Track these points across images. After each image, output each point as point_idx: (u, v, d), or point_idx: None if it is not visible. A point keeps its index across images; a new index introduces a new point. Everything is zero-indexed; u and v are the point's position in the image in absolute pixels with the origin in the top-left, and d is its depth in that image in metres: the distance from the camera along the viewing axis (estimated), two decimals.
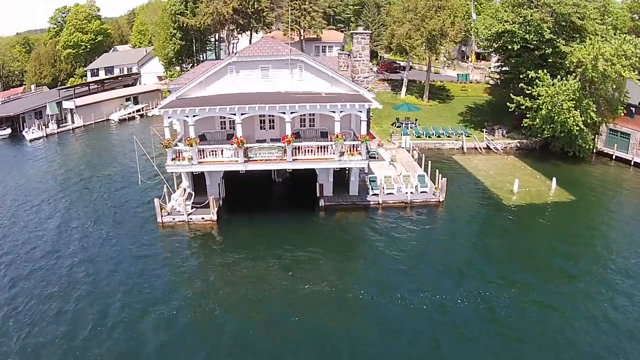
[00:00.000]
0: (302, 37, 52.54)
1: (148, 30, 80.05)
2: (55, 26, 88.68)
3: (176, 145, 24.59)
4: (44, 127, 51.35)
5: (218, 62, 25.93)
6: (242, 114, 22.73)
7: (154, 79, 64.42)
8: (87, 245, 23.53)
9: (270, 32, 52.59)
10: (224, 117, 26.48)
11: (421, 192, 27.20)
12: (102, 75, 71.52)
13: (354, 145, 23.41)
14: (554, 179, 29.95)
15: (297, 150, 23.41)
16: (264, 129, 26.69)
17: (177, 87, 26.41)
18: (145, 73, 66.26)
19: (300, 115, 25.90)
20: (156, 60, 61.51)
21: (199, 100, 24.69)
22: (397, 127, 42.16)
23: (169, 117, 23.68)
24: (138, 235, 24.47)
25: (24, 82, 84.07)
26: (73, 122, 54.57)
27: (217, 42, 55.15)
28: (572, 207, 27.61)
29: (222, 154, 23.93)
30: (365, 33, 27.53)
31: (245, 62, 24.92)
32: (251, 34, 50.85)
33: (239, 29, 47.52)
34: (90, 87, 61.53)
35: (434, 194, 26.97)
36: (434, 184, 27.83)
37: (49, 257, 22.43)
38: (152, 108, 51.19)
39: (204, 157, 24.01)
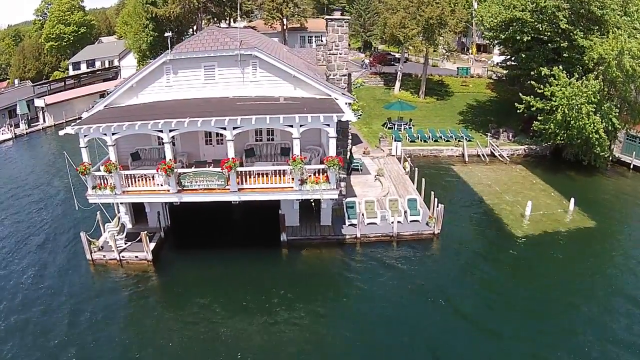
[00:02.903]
0: (284, 27, 45.57)
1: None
2: (40, 18, 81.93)
3: (98, 169, 18.33)
4: (11, 127, 45.52)
5: (153, 61, 19.48)
6: (170, 130, 16.38)
7: (133, 72, 57.91)
8: (11, 294, 17.63)
9: (250, 22, 45.85)
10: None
11: (411, 222, 20.84)
12: (83, 68, 65.09)
13: (319, 170, 16.99)
14: (572, 200, 23.52)
15: (246, 176, 17.10)
16: (211, 144, 20.20)
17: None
18: (125, 66, 59.68)
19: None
20: None
21: (126, 111, 18.45)
22: (389, 128, 35.68)
23: (85, 136, 17.39)
24: (65, 277, 18.49)
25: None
26: (44, 122, 48.70)
27: (195, 34, 48.43)
28: (592, 236, 21.31)
29: (153, 180, 17.73)
30: (343, 19, 20.96)
31: (184, 59, 18.41)
32: (229, 24, 44.21)
33: (214, 19, 40.89)
34: (67, 83, 55.23)
35: (427, 224, 20.62)
36: (428, 209, 21.51)
37: None
38: None
39: (131, 185, 17.83)
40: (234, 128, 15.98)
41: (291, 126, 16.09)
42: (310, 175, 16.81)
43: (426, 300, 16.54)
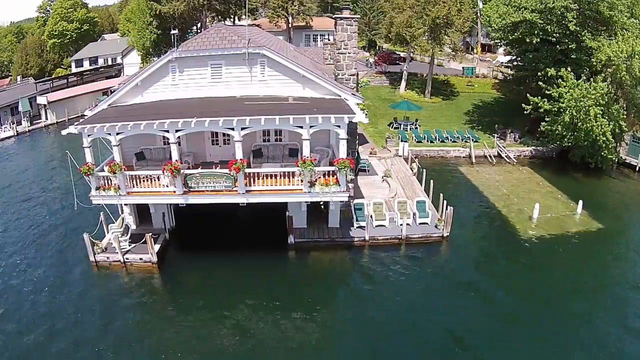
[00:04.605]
0: (290, 25, 45.01)
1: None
2: (43, 15, 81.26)
3: (102, 169, 17.86)
4: (13, 125, 45.02)
5: (159, 59, 18.98)
6: (176, 131, 15.91)
7: (136, 70, 57.32)
8: (10, 295, 17.21)
9: (255, 20, 45.27)
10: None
11: (420, 224, 20.40)
12: (86, 66, 64.52)
13: (329, 171, 16.53)
14: (580, 203, 23.04)
15: (254, 178, 16.65)
16: (217, 144, 19.73)
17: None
18: (127, 64, 59.10)
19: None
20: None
21: (131, 110, 17.98)
22: (395, 128, 35.20)
23: (89, 136, 16.93)
24: (68, 279, 18.08)
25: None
26: (46, 119, 48.19)
27: (199, 32, 47.83)
28: (600, 239, 20.84)
29: (158, 181, 17.27)
30: (352, 18, 20.47)
31: (190, 58, 17.94)
32: (233, 22, 43.65)
33: (218, 17, 40.31)
34: (69, 80, 54.63)
35: (436, 227, 20.18)
36: (437, 211, 21.06)
37: None
38: None
39: (136, 186, 17.37)
40: (242, 129, 15.52)
41: (301, 127, 15.62)
42: (319, 177, 16.35)
43: (435, 304, 16.15)
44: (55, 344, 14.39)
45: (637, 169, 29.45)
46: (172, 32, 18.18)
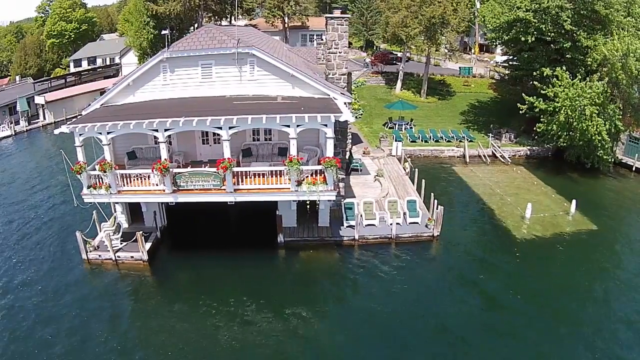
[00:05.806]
0: (286, 25, 45.24)
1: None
2: (42, 15, 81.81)
3: (94, 169, 18.09)
4: (11, 124, 45.37)
5: (150, 59, 19.21)
6: (165, 130, 16.14)
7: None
8: (3, 291, 17.42)
9: (252, 20, 45.49)
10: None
11: (410, 224, 20.57)
12: (84, 65, 64.89)
13: (316, 171, 16.73)
14: (574, 202, 23.18)
15: (242, 176, 16.85)
16: (207, 143, 19.98)
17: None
18: (126, 64, 59.34)
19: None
20: None
21: (122, 110, 18.22)
22: (390, 128, 35.38)
23: (80, 135, 17.18)
24: (60, 276, 18.30)
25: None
26: (44, 119, 48.55)
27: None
28: (594, 240, 20.90)
29: (148, 179, 17.49)
30: (343, 17, 20.62)
31: (181, 57, 18.16)
32: (230, 22, 43.92)
33: (215, 17, 40.58)
34: (67, 80, 55.00)
35: (426, 226, 20.34)
36: (428, 211, 21.23)
37: None
38: None
39: (127, 184, 17.59)
40: (229, 128, 15.74)
41: (288, 126, 15.83)
42: (307, 176, 16.54)
43: (424, 304, 16.31)
44: (45, 341, 14.59)
45: (634, 168, 29.55)
46: (163, 32, 18.38)
